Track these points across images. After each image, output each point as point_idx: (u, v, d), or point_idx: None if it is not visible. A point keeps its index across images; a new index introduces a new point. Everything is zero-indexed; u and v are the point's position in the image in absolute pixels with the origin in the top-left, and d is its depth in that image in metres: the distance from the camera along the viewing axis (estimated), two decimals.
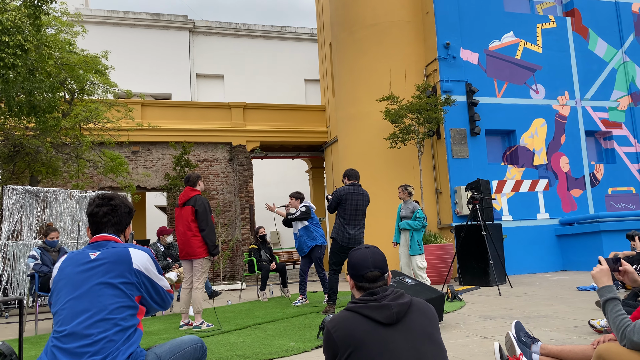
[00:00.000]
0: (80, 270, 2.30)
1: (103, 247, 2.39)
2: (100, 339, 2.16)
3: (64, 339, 2.17)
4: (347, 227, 6.44)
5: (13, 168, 11.39)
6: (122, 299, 2.26)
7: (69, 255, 2.41)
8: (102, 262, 2.30)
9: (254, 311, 7.31)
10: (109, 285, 2.26)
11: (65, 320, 2.21)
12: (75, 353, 2.14)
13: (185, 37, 21.68)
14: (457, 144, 11.67)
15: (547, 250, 11.90)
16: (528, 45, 12.85)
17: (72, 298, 2.25)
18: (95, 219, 2.48)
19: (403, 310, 2.05)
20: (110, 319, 2.21)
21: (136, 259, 2.35)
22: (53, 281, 2.37)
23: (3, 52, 7.28)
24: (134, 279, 2.33)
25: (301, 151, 18.76)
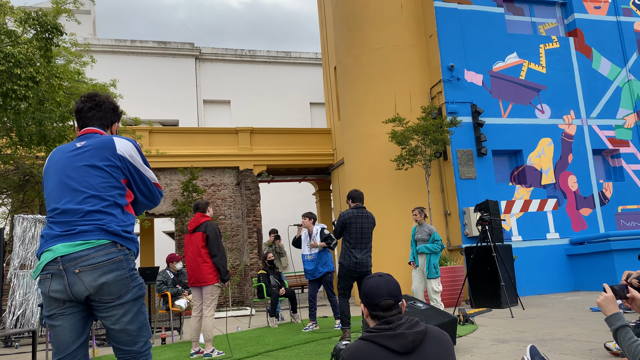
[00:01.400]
0: (68, 157, 2.39)
1: (89, 137, 2.47)
2: (92, 210, 2.26)
3: (57, 216, 2.27)
4: (354, 252, 6.31)
5: (23, 197, 11.50)
6: (109, 180, 2.36)
7: (57, 148, 2.48)
8: (88, 148, 2.39)
9: (264, 338, 7.26)
10: (95, 167, 2.35)
11: (57, 199, 2.30)
12: (75, 221, 2.24)
13: (192, 64, 21.99)
14: (465, 164, 11.68)
15: (558, 270, 11.79)
16: (532, 66, 12.94)
17: (60, 180, 2.34)
18: (80, 114, 2.56)
19: (418, 339, 2.04)
20: (99, 196, 2.30)
21: (120, 146, 2.43)
22: (44, 169, 2.45)
23: (15, 84, 7.42)
24: (119, 163, 2.40)
25: (308, 174, 18.82)
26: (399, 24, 12.72)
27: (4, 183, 11.11)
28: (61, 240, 2.20)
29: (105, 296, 2.20)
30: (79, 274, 2.16)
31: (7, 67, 7.25)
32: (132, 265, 2.30)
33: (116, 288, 2.21)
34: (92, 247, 2.20)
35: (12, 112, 8.15)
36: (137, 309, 2.28)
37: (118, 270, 2.22)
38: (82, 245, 2.19)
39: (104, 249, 2.21)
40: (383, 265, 11.09)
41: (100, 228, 2.23)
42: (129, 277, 2.26)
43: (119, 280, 2.22)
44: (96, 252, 2.19)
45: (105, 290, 2.20)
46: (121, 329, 2.24)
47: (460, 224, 11.47)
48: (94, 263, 2.18)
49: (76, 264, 2.17)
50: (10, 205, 12.27)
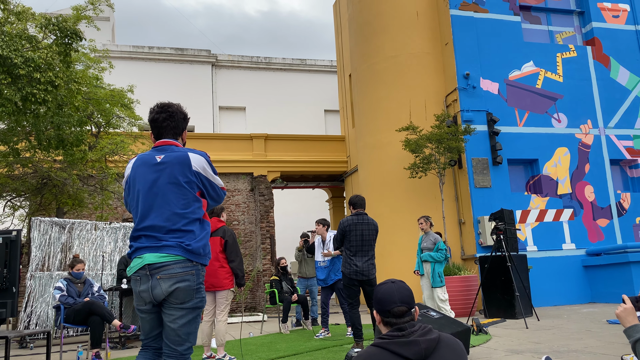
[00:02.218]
0: (152, 172, 2.72)
1: (166, 150, 2.78)
2: (174, 229, 2.66)
3: (145, 230, 2.67)
4: (354, 259, 6.13)
5: (40, 200, 11.66)
6: (188, 195, 2.72)
7: (139, 157, 2.81)
8: (167, 164, 2.71)
9: (276, 344, 7.25)
10: (176, 184, 2.70)
11: (145, 214, 2.69)
12: (161, 237, 2.65)
13: (208, 71, 22.18)
14: (479, 173, 11.60)
15: (574, 281, 11.62)
16: (549, 75, 12.84)
17: (148, 195, 2.70)
18: (156, 124, 2.84)
19: (431, 347, 2.03)
20: (181, 214, 2.68)
21: (194, 161, 2.75)
22: (128, 179, 2.80)
23: (35, 88, 7.54)
24: (194, 178, 2.74)
25: (321, 181, 18.83)
26: (415, 31, 12.72)
27: (22, 186, 11.28)
28: (149, 251, 2.63)
29: (174, 299, 2.61)
30: (160, 280, 2.60)
31: (27, 71, 7.38)
32: (200, 279, 2.70)
33: (183, 295, 2.61)
34: (172, 260, 2.62)
35: (31, 116, 8.28)
36: (192, 316, 2.66)
37: (189, 282, 2.63)
38: (165, 258, 2.62)
39: (181, 263, 2.63)
40: (396, 274, 11.03)
41: (180, 245, 2.64)
42: (195, 289, 2.66)
43: (187, 290, 2.62)
44: (175, 265, 2.61)
45: (175, 295, 2.61)
46: (174, 328, 2.61)
47: (474, 233, 11.38)
48: (172, 273, 2.60)
49: (159, 272, 2.60)
50: (28, 208, 12.45)
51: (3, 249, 3.56)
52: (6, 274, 3.52)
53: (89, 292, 7.02)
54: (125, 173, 2.82)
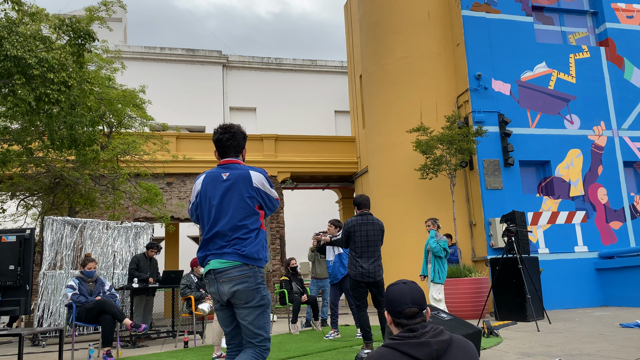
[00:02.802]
0: (220, 188, 3.12)
1: (230, 168, 3.18)
2: (235, 238, 3.04)
3: (213, 238, 3.07)
4: (360, 261, 6.03)
5: (53, 199, 11.76)
6: (249, 209, 3.10)
7: (207, 174, 3.20)
8: (232, 182, 3.11)
9: (285, 344, 7.25)
10: (239, 199, 3.09)
11: (213, 224, 3.08)
12: (227, 243, 3.04)
13: (219, 72, 22.26)
14: (491, 175, 11.53)
15: (587, 284, 11.50)
16: (561, 76, 12.74)
17: (215, 208, 3.09)
18: (220, 143, 3.22)
19: (443, 348, 2.01)
20: (241, 225, 3.07)
21: (254, 178, 3.14)
22: (199, 192, 3.19)
23: (48, 88, 7.60)
24: (254, 194, 3.13)
25: (331, 182, 18.83)
26: (426, 32, 12.68)
27: (35, 185, 11.39)
28: (214, 257, 3.05)
29: (237, 300, 3.00)
30: (222, 282, 3.00)
31: (41, 71, 7.44)
32: (259, 280, 3.05)
33: (245, 295, 2.99)
34: (231, 265, 3.00)
35: (44, 116, 8.36)
36: (259, 312, 3.01)
37: (247, 283, 2.99)
38: (225, 264, 3.01)
39: (239, 267, 3.00)
40: (405, 276, 10.99)
41: (237, 252, 3.01)
42: (255, 289, 3.01)
43: (247, 290, 2.99)
44: (233, 269, 2.99)
45: (237, 296, 2.99)
46: (245, 325, 3.00)
47: (485, 234, 11.31)
48: (231, 276, 2.99)
49: (221, 276, 3.00)
50: (41, 207, 12.57)
51: (17, 247, 3.59)
52: (20, 272, 3.56)
53: (100, 290, 7.06)
54: (196, 188, 3.22)
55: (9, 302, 3.58)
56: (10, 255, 3.58)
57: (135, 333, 7.95)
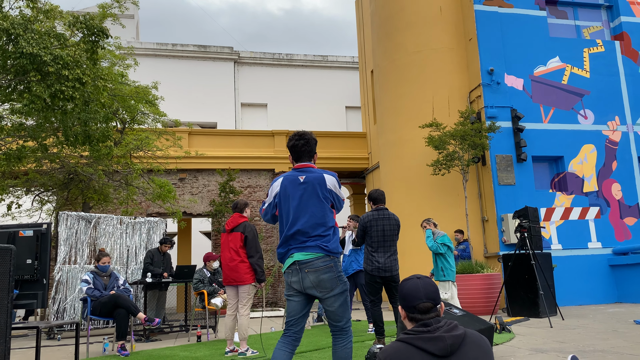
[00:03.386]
0: (298, 190, 3.44)
1: (306, 172, 3.50)
2: (315, 235, 3.38)
3: (295, 235, 3.39)
4: (376, 255, 6.03)
5: (67, 195, 11.89)
6: (324, 208, 3.44)
7: (285, 176, 3.52)
8: (309, 184, 3.43)
9: None
10: (316, 199, 3.42)
11: (294, 222, 3.41)
12: (309, 239, 3.37)
13: (231, 68, 22.32)
14: (503, 170, 11.46)
15: (600, 280, 11.41)
16: (575, 70, 12.61)
17: (294, 208, 3.42)
18: (295, 149, 3.54)
19: (457, 343, 2.02)
20: (320, 223, 3.40)
21: (328, 181, 3.47)
22: (278, 193, 3.51)
23: (63, 85, 7.68)
24: (328, 195, 3.46)
25: (342, 177, 18.82)
26: (438, 27, 12.61)
27: (50, 181, 11.52)
28: (296, 250, 3.38)
29: (322, 289, 3.31)
30: (307, 273, 3.32)
31: (55, 68, 7.52)
32: (339, 269, 3.39)
33: (329, 284, 3.31)
34: (315, 257, 3.33)
35: (59, 113, 8.44)
36: (343, 299, 3.34)
37: (331, 273, 3.33)
38: (309, 255, 3.34)
39: (322, 258, 3.33)
40: (417, 272, 10.97)
41: (319, 246, 3.36)
42: (337, 278, 3.35)
43: (331, 279, 3.32)
44: (317, 260, 3.32)
45: (322, 285, 3.31)
46: (332, 310, 3.33)
47: (497, 230, 11.26)
48: (316, 267, 3.31)
49: (306, 267, 3.32)
50: (55, 203, 12.71)
51: (34, 242, 3.65)
52: (37, 266, 3.61)
53: (114, 285, 7.14)
54: (274, 190, 3.54)
55: (26, 296, 3.64)
56: (27, 250, 3.63)
57: (149, 327, 8.03)
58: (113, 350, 6.88)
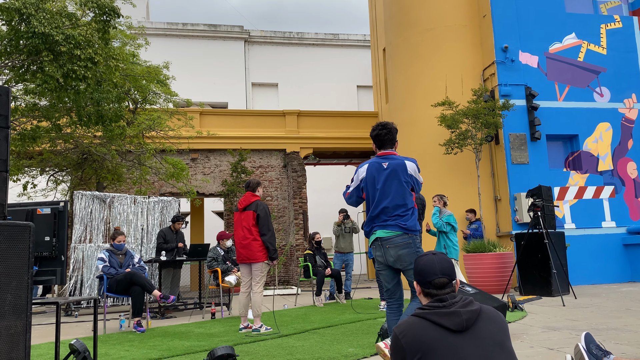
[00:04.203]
0: (383, 174, 3.85)
1: (389, 158, 3.90)
2: (396, 214, 3.79)
3: (379, 214, 3.83)
4: None
5: (81, 175, 12.01)
6: (405, 191, 3.84)
7: (370, 163, 3.95)
8: (391, 169, 3.84)
9: (310, 316, 7.37)
10: (399, 183, 3.83)
11: (379, 202, 3.84)
12: (390, 218, 3.80)
13: (241, 47, 22.20)
14: (517, 149, 11.36)
15: (614, 260, 11.35)
16: (591, 47, 12.37)
17: (379, 191, 3.84)
18: (379, 138, 3.94)
19: (473, 318, 2.02)
20: (401, 204, 3.82)
21: (409, 167, 3.88)
22: (364, 178, 3.95)
23: (75, 64, 7.70)
24: (409, 179, 3.87)
25: (354, 157, 18.77)
26: (452, 3, 12.40)
27: (64, 161, 11.63)
28: (379, 228, 3.83)
29: (402, 262, 3.75)
30: (388, 248, 3.77)
31: (68, 48, 7.53)
32: (418, 246, 3.80)
33: (408, 258, 3.74)
34: (394, 234, 3.76)
35: (72, 92, 8.48)
36: None
37: (409, 248, 3.75)
38: (389, 233, 3.78)
39: (401, 236, 3.75)
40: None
41: (398, 225, 3.77)
42: (415, 253, 3.75)
43: (409, 254, 3.74)
44: (396, 237, 3.75)
45: (402, 259, 3.75)
46: (412, 281, 3.43)
47: (510, 210, 11.21)
48: (396, 243, 3.75)
49: (387, 242, 3.77)
50: (70, 182, 12.85)
51: (52, 219, 3.70)
52: (55, 243, 3.67)
53: (129, 263, 7.24)
54: (360, 175, 3.97)
55: (45, 272, 3.71)
56: (45, 227, 3.68)
57: (164, 304, 8.16)
58: (129, 327, 7.01)
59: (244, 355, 4.60)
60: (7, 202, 3.17)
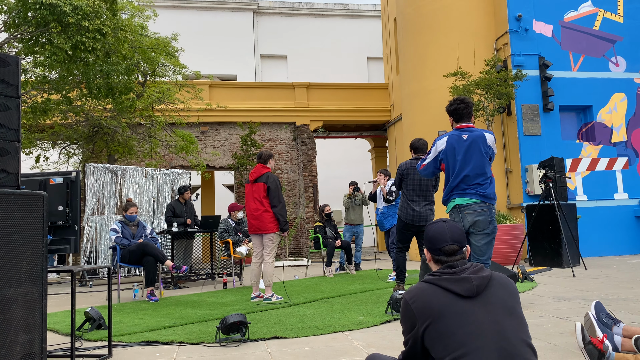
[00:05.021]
0: (462, 146, 4.19)
1: (467, 131, 4.22)
2: (476, 183, 4.16)
3: (459, 183, 4.18)
4: (411, 204, 6.02)
5: (93, 147, 12.08)
6: (484, 161, 4.18)
7: (449, 135, 4.25)
8: (471, 140, 4.17)
9: (320, 286, 7.45)
10: (479, 153, 4.15)
11: (460, 170, 4.16)
12: (469, 186, 4.15)
13: (250, 19, 21.94)
14: (529, 120, 11.22)
15: (626, 232, 11.30)
16: (608, 15, 12.06)
17: (459, 162, 4.17)
18: (457, 112, 4.26)
19: (483, 284, 2.02)
20: (480, 173, 4.16)
21: (487, 139, 4.21)
22: (443, 150, 4.26)
23: (84, 36, 7.67)
24: (488, 150, 4.20)
25: (364, 130, 18.68)
26: None
27: (75, 134, 11.69)
28: (457, 196, 4.18)
29: (477, 228, 4.14)
30: (466, 214, 4.14)
31: (76, 19, 7.49)
32: (493, 214, 4.14)
33: (483, 224, 4.13)
34: (473, 202, 4.12)
35: (81, 65, 8.47)
36: (490, 239, 4.16)
37: (484, 215, 4.12)
38: (468, 200, 4.14)
39: (478, 203, 4.10)
40: None
41: (477, 193, 4.11)
42: (490, 221, 4.13)
43: (484, 221, 4.12)
44: (474, 205, 4.11)
45: (477, 225, 4.14)
46: (478, 246, 4.17)
47: (522, 182, 11.14)
48: (473, 210, 4.11)
49: (465, 209, 4.13)
50: (81, 155, 12.94)
51: (64, 189, 3.73)
52: (68, 213, 3.71)
53: (142, 234, 7.33)
54: (439, 147, 4.26)
55: (59, 241, 3.76)
56: (58, 197, 3.72)
57: (177, 274, 8.28)
58: (143, 297, 7.13)
59: (256, 323, 4.67)
60: (20, 171, 3.20)
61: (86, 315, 4.66)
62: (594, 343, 2.94)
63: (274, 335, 4.17)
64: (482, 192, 4.08)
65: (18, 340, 3.01)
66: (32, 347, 3.08)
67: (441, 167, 4.31)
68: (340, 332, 4.26)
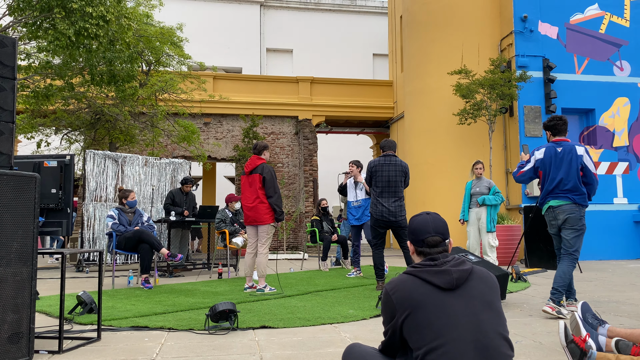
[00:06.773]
0: (556, 157, 4.78)
1: (562, 145, 4.79)
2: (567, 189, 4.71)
3: (554, 188, 4.77)
4: (381, 200, 6.13)
5: (94, 134, 12.12)
6: (577, 172, 4.70)
7: (547, 147, 4.85)
8: (565, 154, 4.74)
9: (314, 279, 7.47)
10: (568, 165, 4.70)
11: (554, 176, 4.76)
12: (562, 191, 4.72)
13: (257, 12, 21.92)
14: (531, 122, 11.20)
15: (624, 236, 11.28)
16: (614, 19, 12.01)
17: (554, 171, 4.76)
18: (556, 127, 4.85)
19: (463, 277, 2.03)
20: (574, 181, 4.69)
21: (579, 151, 4.73)
22: (542, 160, 4.88)
23: (87, 22, 7.68)
24: (579, 159, 4.69)
25: (366, 127, 18.67)
26: None
27: (77, 120, 11.72)
28: (552, 198, 4.78)
29: (567, 224, 4.69)
30: (558, 213, 4.73)
31: (79, 5, 7.50)
32: (582, 214, 4.70)
33: (572, 221, 4.68)
34: (564, 204, 4.70)
35: (84, 51, 8.49)
36: (578, 234, 4.67)
37: (575, 214, 4.67)
38: (559, 202, 4.72)
39: (569, 204, 4.68)
40: None
41: (568, 197, 4.68)
42: (579, 218, 4.68)
43: (574, 218, 4.67)
44: (566, 205, 4.69)
45: (568, 221, 4.69)
46: (568, 239, 4.68)
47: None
48: (564, 209, 4.69)
49: (557, 209, 4.74)
50: (83, 142, 12.98)
51: (58, 172, 3.75)
52: (61, 196, 3.73)
53: (139, 221, 7.36)
54: (537, 156, 4.89)
55: (51, 224, 3.79)
56: (52, 180, 3.75)
57: (172, 262, 8.31)
58: (137, 284, 7.17)
59: (246, 313, 4.70)
60: (13, 152, 3.23)
61: (78, 299, 4.69)
62: (576, 342, 2.95)
63: (263, 324, 4.20)
64: (573, 197, 4.66)
65: (6, 319, 3.04)
66: (20, 327, 3.11)
67: (538, 174, 4.91)
68: (329, 324, 4.28)
